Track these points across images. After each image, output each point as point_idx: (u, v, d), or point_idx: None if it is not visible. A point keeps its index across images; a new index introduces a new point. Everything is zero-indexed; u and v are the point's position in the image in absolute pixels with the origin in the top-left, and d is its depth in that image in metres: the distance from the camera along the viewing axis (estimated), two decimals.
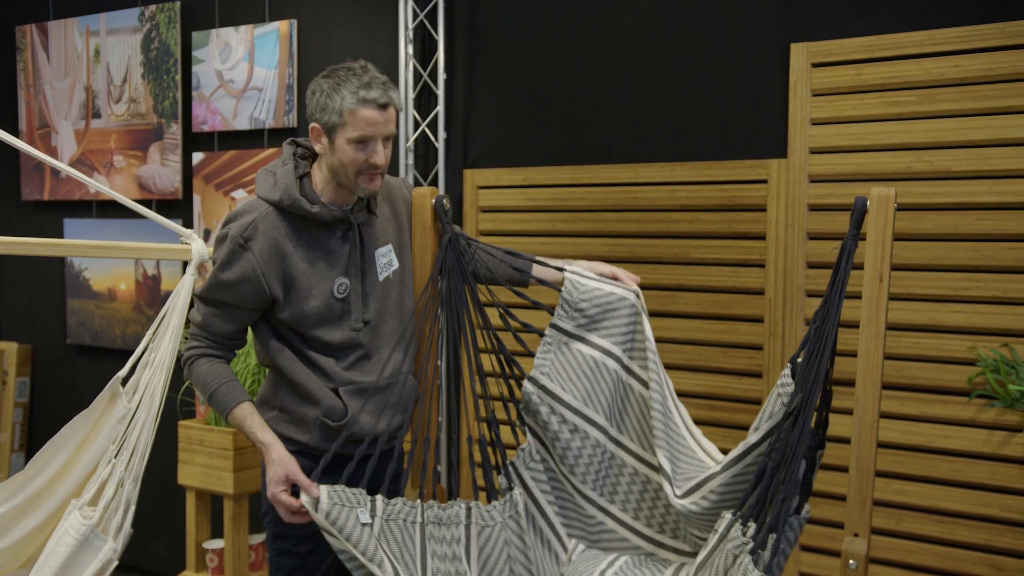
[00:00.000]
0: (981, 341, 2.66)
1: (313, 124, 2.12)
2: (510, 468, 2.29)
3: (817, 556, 2.92)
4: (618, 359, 2.30)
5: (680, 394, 3.11)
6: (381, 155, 2.11)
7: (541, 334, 2.30)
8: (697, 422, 3.08)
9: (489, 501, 2.26)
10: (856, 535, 1.82)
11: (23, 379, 4.80)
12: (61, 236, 4.58)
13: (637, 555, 2.24)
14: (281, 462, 2.06)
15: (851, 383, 1.85)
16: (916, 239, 2.75)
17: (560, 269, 2.33)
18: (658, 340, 3.13)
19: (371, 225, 2.25)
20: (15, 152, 4.58)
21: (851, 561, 1.80)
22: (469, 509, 2.20)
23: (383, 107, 2.08)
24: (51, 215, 4.71)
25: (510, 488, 2.27)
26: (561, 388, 2.27)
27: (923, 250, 2.74)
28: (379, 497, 2.10)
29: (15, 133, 4.69)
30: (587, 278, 2.30)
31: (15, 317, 4.93)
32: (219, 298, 2.15)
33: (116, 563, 2.46)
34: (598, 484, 2.29)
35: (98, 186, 2.76)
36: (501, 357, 2.32)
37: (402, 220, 2.34)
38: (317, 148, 2.14)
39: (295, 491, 2.06)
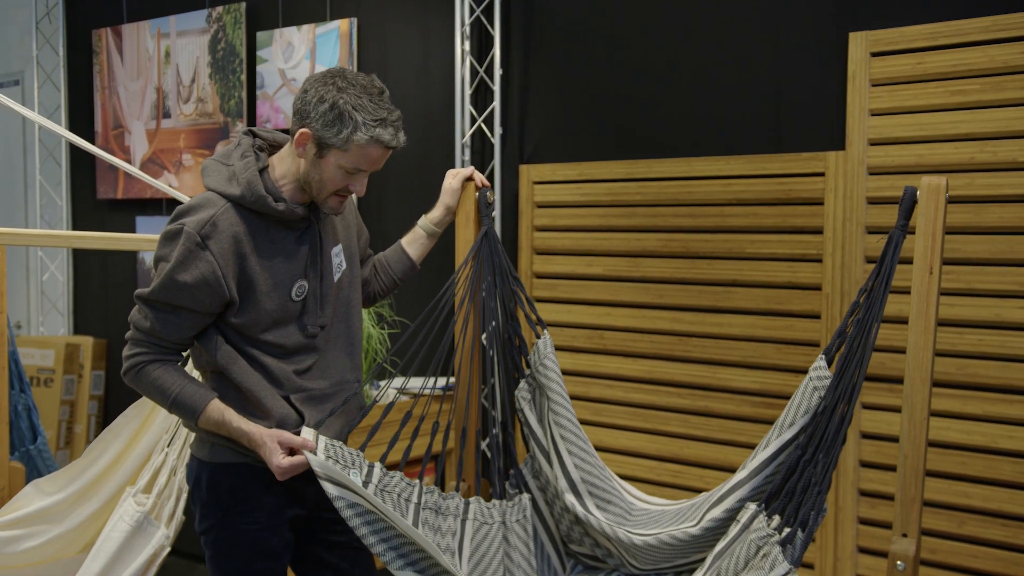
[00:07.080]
0: None
1: (305, 129, 1.94)
2: (517, 475, 2.26)
3: (875, 559, 2.85)
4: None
5: (735, 391, 3.08)
6: (364, 186, 2.02)
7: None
8: (752, 420, 3.06)
9: (489, 499, 2.22)
10: (904, 535, 1.76)
11: (98, 372, 4.96)
12: (134, 233, 4.71)
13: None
14: (270, 436, 1.93)
15: (901, 380, 1.79)
16: (979, 232, 2.65)
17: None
18: (714, 336, 3.12)
19: (325, 224, 2.12)
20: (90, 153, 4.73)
21: (899, 562, 1.74)
22: (467, 504, 2.16)
23: (389, 148, 1.98)
24: (124, 213, 4.86)
25: (519, 492, 2.24)
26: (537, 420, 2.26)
27: (987, 243, 2.64)
28: (377, 465, 2.04)
29: (91, 134, 4.85)
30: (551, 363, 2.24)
31: (91, 313, 5.10)
32: (173, 302, 1.95)
33: (168, 549, 2.53)
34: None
35: (162, 186, 2.85)
36: (523, 358, 2.30)
37: (349, 219, 2.22)
38: (297, 151, 1.97)
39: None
